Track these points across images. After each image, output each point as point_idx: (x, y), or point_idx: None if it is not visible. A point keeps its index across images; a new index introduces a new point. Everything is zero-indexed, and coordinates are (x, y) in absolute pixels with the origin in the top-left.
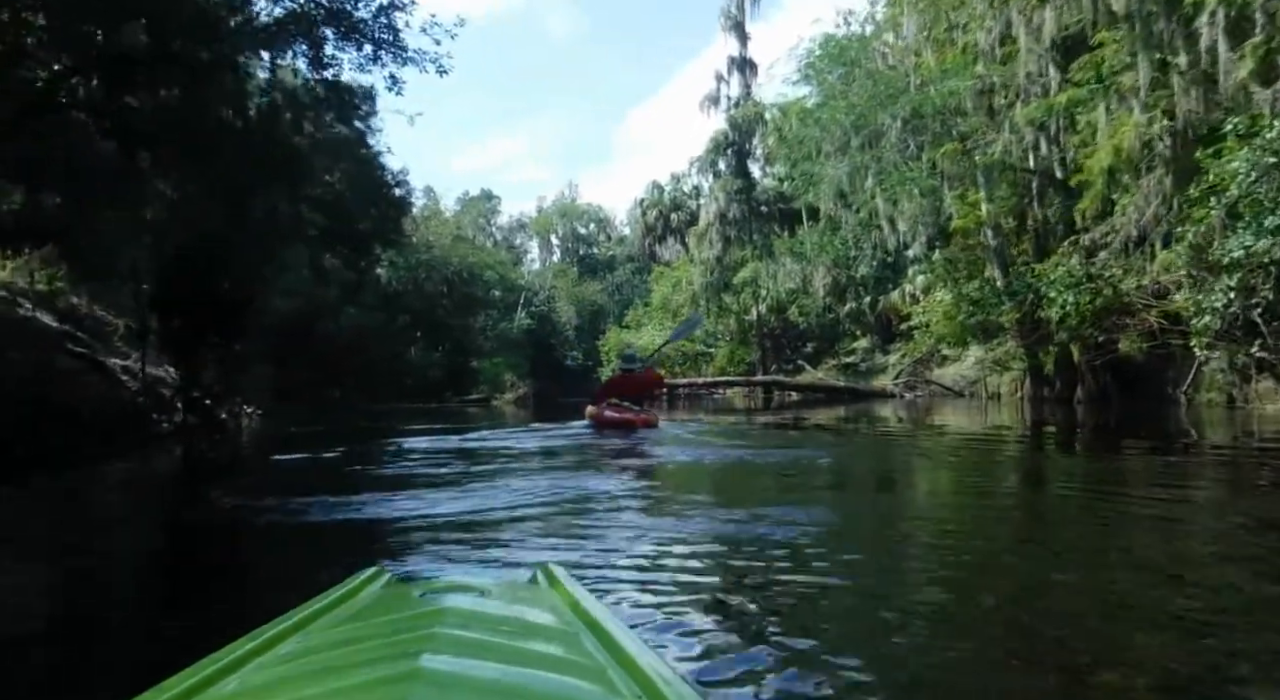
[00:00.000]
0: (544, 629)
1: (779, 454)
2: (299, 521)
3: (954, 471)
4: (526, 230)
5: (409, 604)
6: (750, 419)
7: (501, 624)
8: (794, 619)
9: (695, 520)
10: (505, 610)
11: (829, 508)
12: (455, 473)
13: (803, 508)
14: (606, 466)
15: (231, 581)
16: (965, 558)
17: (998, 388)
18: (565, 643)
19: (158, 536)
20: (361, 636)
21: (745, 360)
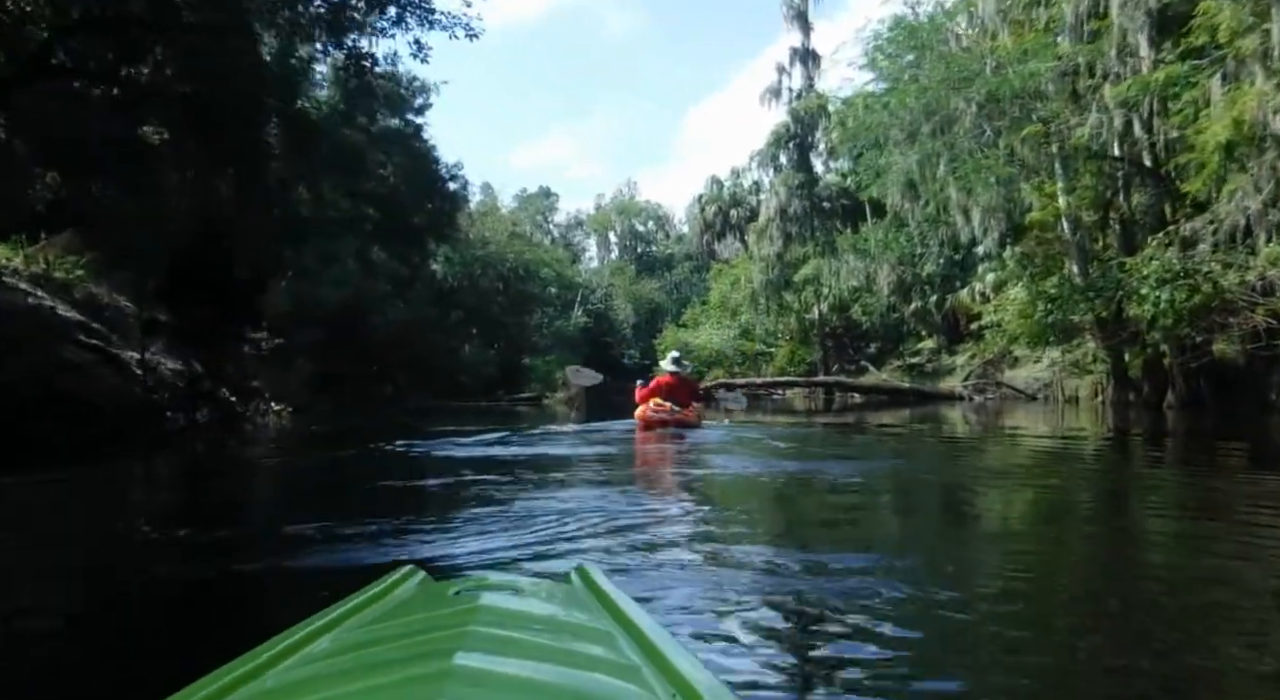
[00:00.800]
0: (579, 628)
1: (837, 467)
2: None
3: (1034, 487)
4: (584, 228)
5: (443, 602)
6: (810, 421)
7: (536, 623)
8: (834, 628)
9: (738, 537)
10: (540, 609)
11: (886, 528)
12: (455, 499)
13: (857, 530)
14: (641, 484)
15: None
16: (1052, 603)
17: (1075, 391)
18: (600, 642)
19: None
20: (395, 634)
21: (806, 360)
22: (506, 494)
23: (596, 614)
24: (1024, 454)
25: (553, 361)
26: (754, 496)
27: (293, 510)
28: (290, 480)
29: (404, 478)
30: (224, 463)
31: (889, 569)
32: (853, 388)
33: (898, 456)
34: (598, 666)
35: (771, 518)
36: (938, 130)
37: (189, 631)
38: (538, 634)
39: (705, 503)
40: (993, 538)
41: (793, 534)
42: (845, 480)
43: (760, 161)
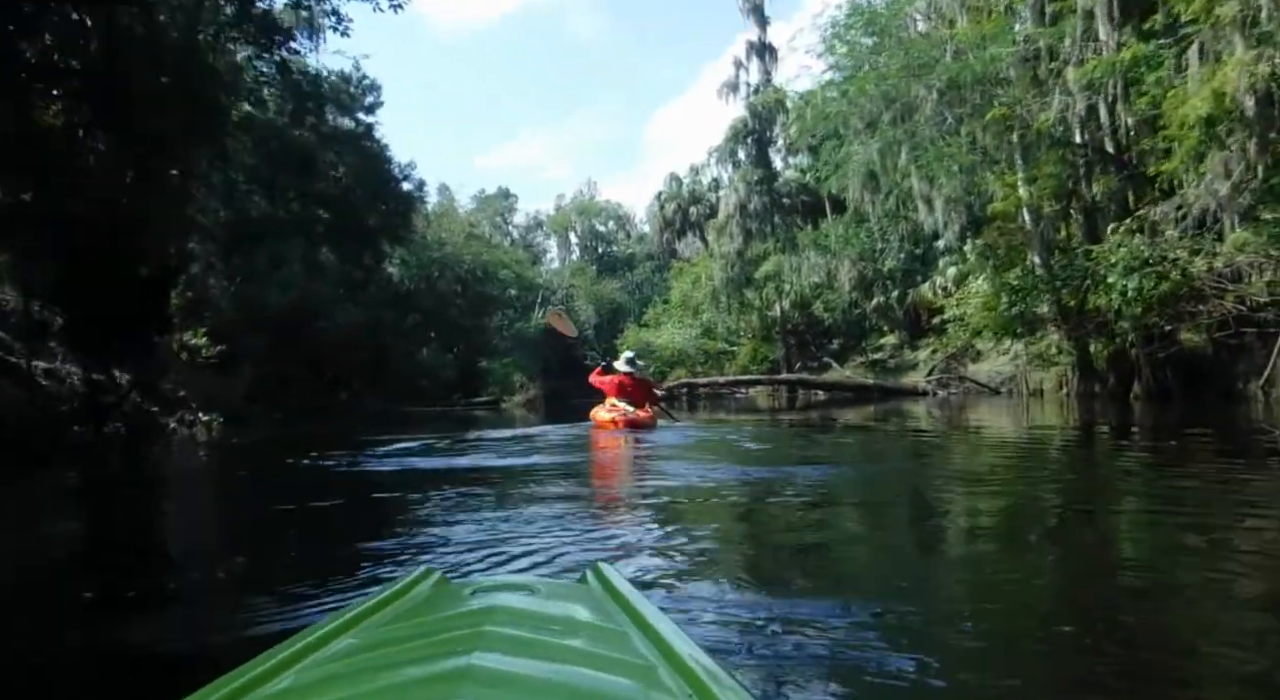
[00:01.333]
0: (594, 628)
1: (800, 473)
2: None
3: (1003, 490)
4: (544, 229)
5: (459, 603)
6: (774, 420)
7: (552, 623)
8: (842, 630)
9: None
10: (555, 609)
11: (856, 543)
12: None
13: (830, 535)
14: (589, 502)
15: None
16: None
17: (1039, 384)
18: (616, 642)
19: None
20: (412, 635)
21: (769, 358)
22: (414, 514)
23: (612, 614)
24: (991, 452)
25: (510, 364)
26: (716, 503)
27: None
28: (153, 512)
29: (293, 499)
30: (98, 487)
31: (865, 583)
32: (816, 385)
33: (861, 458)
34: (614, 667)
35: (741, 526)
36: (898, 118)
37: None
38: (554, 634)
39: (665, 511)
40: (965, 545)
41: (767, 544)
42: (811, 484)
43: (719, 157)
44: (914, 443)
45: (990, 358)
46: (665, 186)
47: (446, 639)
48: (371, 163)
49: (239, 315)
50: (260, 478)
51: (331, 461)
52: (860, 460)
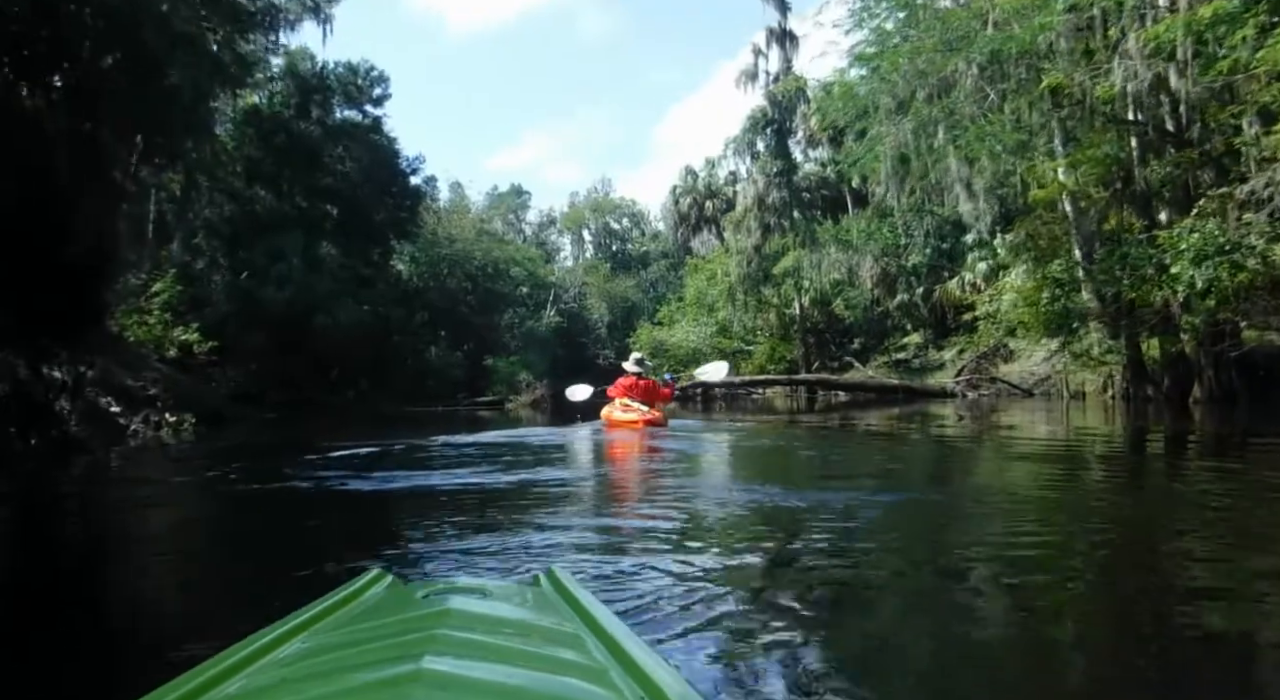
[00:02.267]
0: (547, 631)
1: (812, 497)
2: None
3: (1052, 509)
4: (557, 226)
5: (412, 606)
6: (793, 423)
7: (504, 626)
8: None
9: (704, 544)
10: (508, 612)
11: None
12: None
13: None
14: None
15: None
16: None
17: (1080, 386)
18: (568, 645)
19: None
20: (364, 638)
21: (786, 358)
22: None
23: (565, 617)
24: (1033, 465)
25: (516, 362)
26: (721, 503)
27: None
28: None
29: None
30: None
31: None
32: (837, 385)
33: (882, 470)
34: (566, 669)
35: (739, 523)
36: (933, 96)
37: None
38: (507, 637)
39: (670, 510)
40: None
41: (758, 540)
42: (820, 503)
43: (736, 149)
44: (942, 451)
45: (1022, 357)
46: (680, 180)
47: (398, 642)
48: (379, 156)
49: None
50: (190, 488)
51: (298, 471)
52: (881, 474)
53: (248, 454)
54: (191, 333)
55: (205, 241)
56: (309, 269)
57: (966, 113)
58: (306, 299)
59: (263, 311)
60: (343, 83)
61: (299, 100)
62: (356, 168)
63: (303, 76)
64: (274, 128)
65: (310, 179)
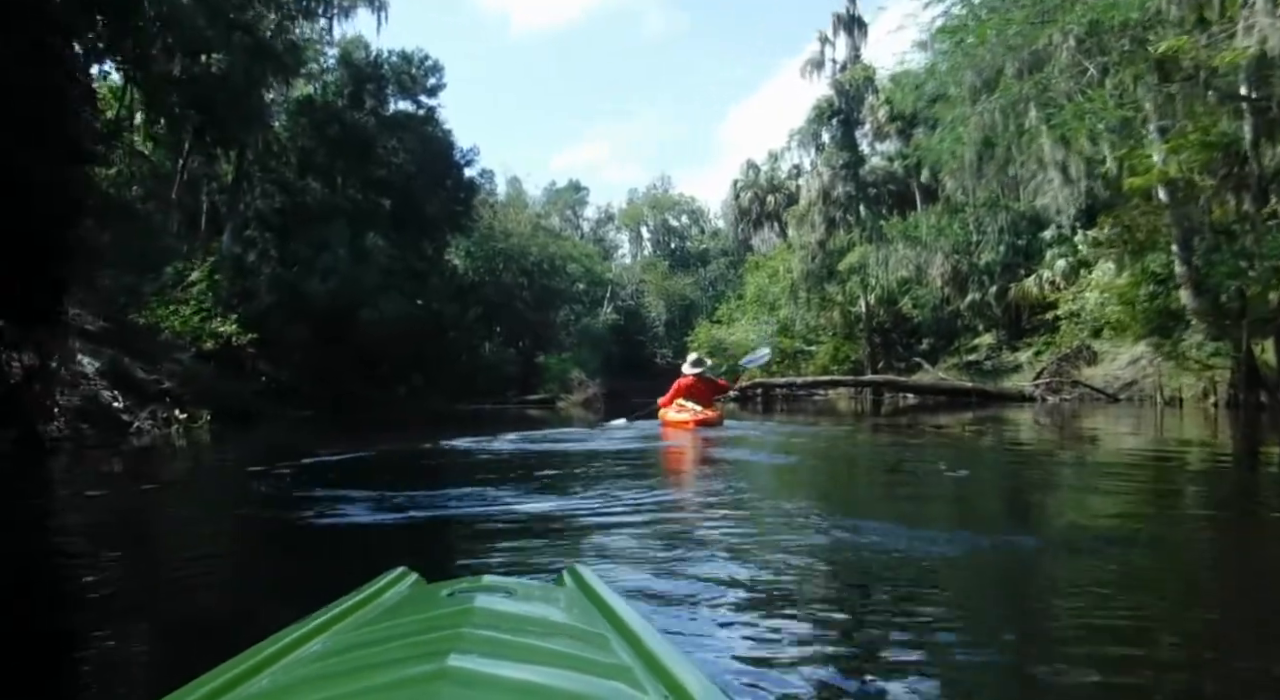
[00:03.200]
0: (571, 630)
1: (865, 515)
2: None
3: (1172, 557)
4: (615, 222)
5: (436, 604)
6: (856, 429)
7: (529, 624)
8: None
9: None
10: (533, 611)
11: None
12: None
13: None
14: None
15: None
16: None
17: (1177, 391)
18: (593, 644)
19: None
20: (389, 636)
21: (850, 358)
22: None
23: (589, 615)
24: (1133, 487)
25: (568, 359)
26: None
27: None
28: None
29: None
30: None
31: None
32: (906, 388)
33: (958, 469)
34: (591, 668)
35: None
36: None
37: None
38: (531, 635)
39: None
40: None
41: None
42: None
43: (801, 140)
44: (1021, 465)
45: (1105, 360)
46: (741, 174)
47: (423, 640)
48: (433, 148)
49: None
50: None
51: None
52: (944, 492)
53: (252, 456)
54: (230, 325)
55: (258, 233)
56: (355, 261)
57: (1062, 89)
58: (352, 292)
59: (306, 304)
60: (397, 72)
61: (353, 90)
62: (410, 159)
63: (356, 66)
64: (327, 118)
65: (363, 170)
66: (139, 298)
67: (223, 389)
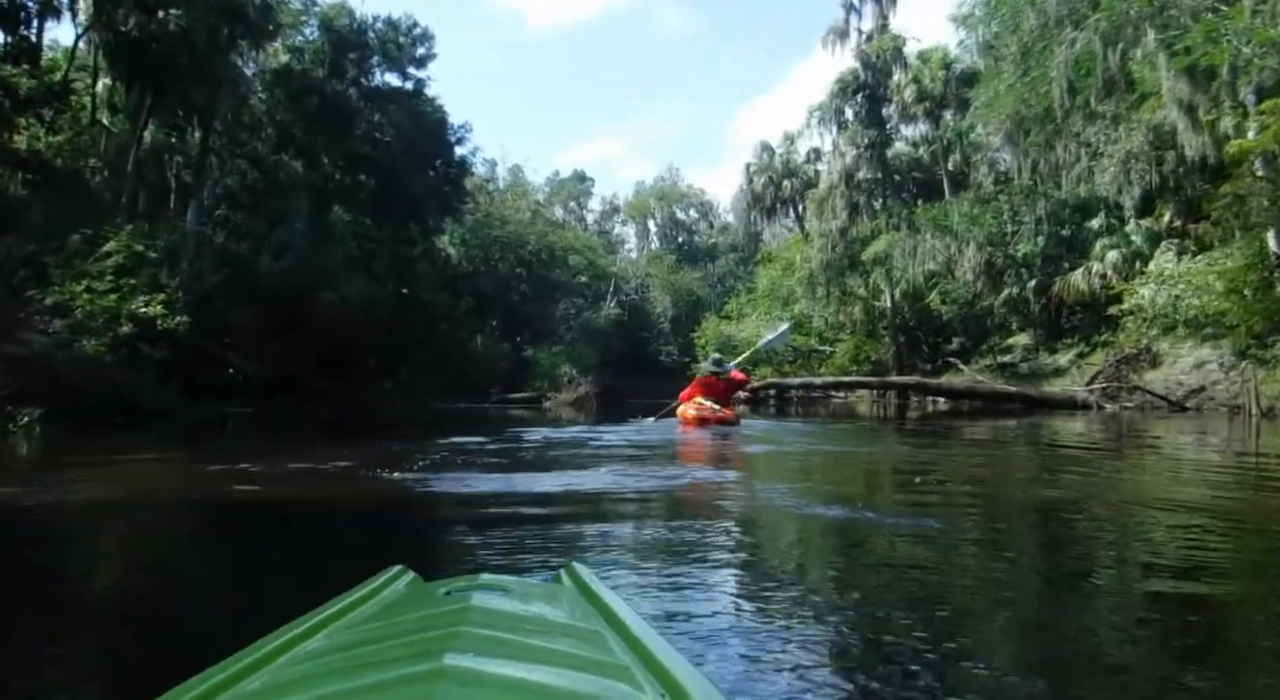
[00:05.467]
0: (569, 628)
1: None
2: None
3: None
4: (621, 215)
5: (433, 602)
6: (875, 441)
7: (526, 623)
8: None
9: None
10: (530, 609)
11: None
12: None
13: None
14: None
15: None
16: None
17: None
18: (590, 642)
19: None
20: (385, 635)
21: (872, 358)
22: None
23: (586, 614)
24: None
25: (559, 354)
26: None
27: None
28: None
29: None
30: None
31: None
32: (938, 391)
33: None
34: (588, 666)
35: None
36: None
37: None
38: (528, 634)
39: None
40: None
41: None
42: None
43: (822, 117)
44: (1096, 516)
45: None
46: (755, 158)
47: (420, 639)
48: (421, 123)
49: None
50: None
51: None
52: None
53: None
54: (154, 305)
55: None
56: (316, 236)
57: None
58: (310, 271)
59: (257, 284)
60: (382, 41)
61: (333, 58)
62: (396, 135)
63: (338, 32)
64: (305, 88)
65: (344, 146)
66: (40, 270)
67: (94, 381)
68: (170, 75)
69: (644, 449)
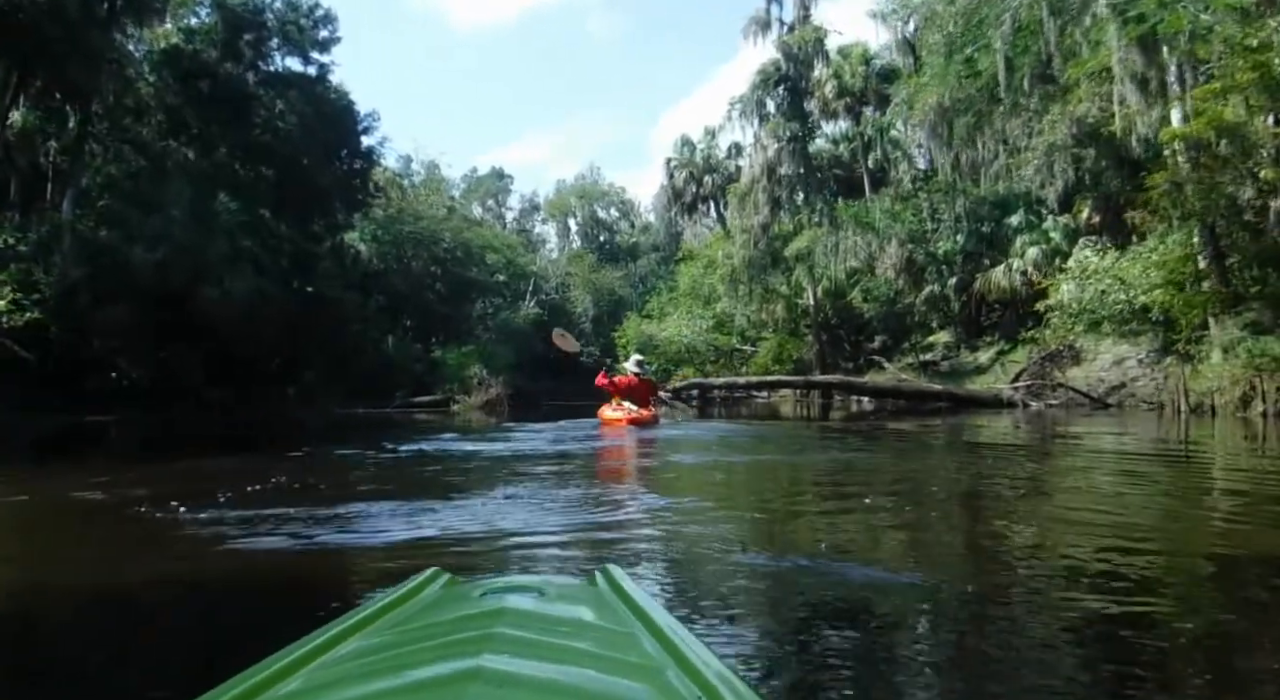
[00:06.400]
0: (603, 630)
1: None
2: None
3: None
4: (541, 213)
5: (469, 604)
6: (805, 448)
7: (561, 624)
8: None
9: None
10: (565, 611)
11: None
12: None
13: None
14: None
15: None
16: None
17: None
18: (624, 643)
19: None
20: (422, 636)
21: (794, 357)
22: None
23: (621, 615)
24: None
25: (470, 353)
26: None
27: None
28: None
29: None
30: None
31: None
32: (864, 390)
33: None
34: (622, 668)
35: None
36: None
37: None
38: (563, 636)
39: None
40: None
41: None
42: None
43: (743, 110)
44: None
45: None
46: (675, 152)
47: (456, 640)
48: (325, 111)
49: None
50: None
51: None
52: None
53: None
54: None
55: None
56: (198, 226)
57: None
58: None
59: (130, 278)
60: (281, 22)
61: (226, 38)
62: (298, 124)
63: (232, 10)
64: (195, 70)
65: (240, 134)
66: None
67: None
68: (38, 50)
69: (540, 463)
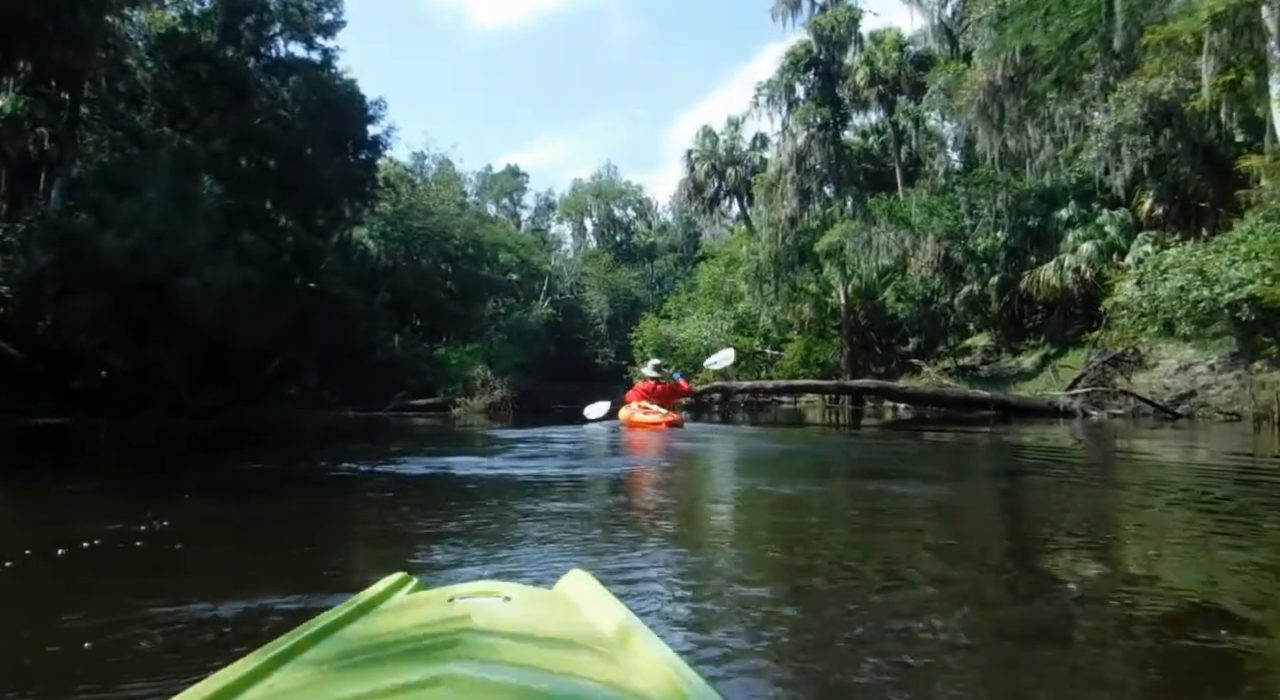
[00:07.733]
0: (571, 635)
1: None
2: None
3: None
4: (556, 212)
5: (436, 610)
6: (828, 465)
7: (528, 630)
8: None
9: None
10: (532, 616)
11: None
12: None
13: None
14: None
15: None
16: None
17: None
18: (592, 649)
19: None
20: (388, 642)
21: (822, 360)
22: None
23: (588, 620)
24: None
25: (473, 352)
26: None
27: None
28: None
29: None
30: None
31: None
32: (901, 396)
33: None
34: (589, 673)
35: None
36: None
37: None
38: (530, 641)
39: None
40: None
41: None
42: None
43: (770, 96)
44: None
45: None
46: (696, 144)
47: (422, 646)
48: (329, 98)
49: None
50: None
51: None
52: None
53: None
54: None
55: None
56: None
57: None
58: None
59: (100, 266)
60: (283, 4)
61: (225, 22)
62: (302, 112)
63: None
64: (193, 54)
65: (240, 122)
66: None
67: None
68: (20, 30)
69: (540, 484)
